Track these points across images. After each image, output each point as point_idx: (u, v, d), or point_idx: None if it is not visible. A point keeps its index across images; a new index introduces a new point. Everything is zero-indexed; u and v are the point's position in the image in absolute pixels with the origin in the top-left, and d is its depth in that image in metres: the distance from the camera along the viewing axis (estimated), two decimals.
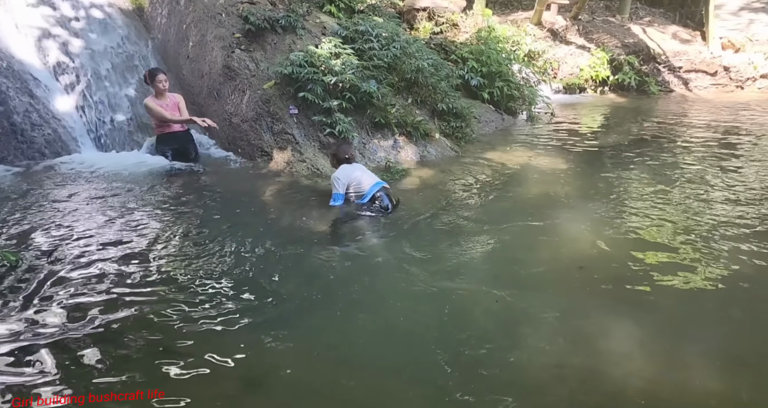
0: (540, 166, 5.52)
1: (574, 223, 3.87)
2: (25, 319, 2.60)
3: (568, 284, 3.01)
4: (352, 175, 4.15)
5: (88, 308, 2.70)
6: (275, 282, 3.03)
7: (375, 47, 6.00)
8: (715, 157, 5.69)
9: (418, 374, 2.26)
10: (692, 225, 3.76)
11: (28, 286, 2.91)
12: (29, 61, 5.85)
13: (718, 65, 11.28)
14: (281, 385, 2.17)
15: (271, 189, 4.78)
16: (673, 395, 2.11)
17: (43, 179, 4.91)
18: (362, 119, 5.67)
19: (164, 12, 6.88)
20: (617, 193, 4.53)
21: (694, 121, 7.98)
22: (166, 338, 2.46)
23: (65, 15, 6.41)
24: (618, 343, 2.43)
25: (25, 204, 4.25)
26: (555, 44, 11.26)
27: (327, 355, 2.38)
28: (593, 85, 10.95)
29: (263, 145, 5.55)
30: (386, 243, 3.62)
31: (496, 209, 4.19)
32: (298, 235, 3.70)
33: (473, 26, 9.73)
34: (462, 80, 7.47)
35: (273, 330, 2.55)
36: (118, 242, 3.53)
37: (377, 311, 2.77)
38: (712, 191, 4.51)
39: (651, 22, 12.76)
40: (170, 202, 4.38)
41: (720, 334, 2.52)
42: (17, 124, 5.32)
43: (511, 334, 2.54)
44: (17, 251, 3.32)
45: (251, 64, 5.88)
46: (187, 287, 2.93)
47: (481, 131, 7.04)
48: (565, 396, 2.11)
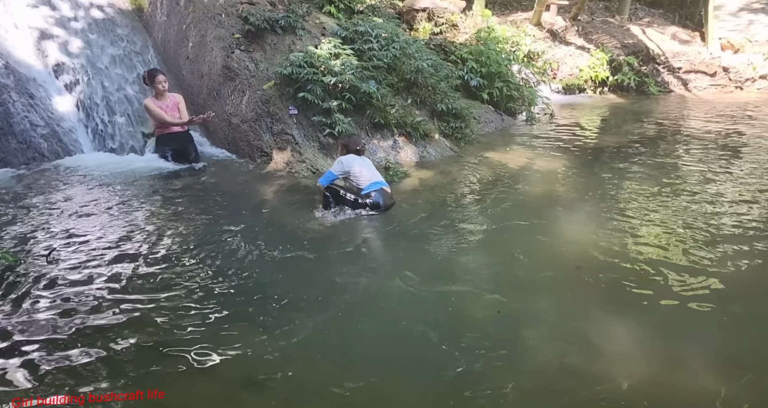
0: (539, 166, 5.53)
1: (574, 224, 3.88)
2: (24, 318, 2.60)
3: (566, 284, 3.02)
4: (354, 166, 4.17)
5: (88, 308, 2.71)
6: (275, 282, 3.03)
7: (374, 48, 6.00)
8: (715, 158, 5.70)
9: (418, 375, 2.26)
10: (691, 226, 3.77)
11: (27, 287, 2.92)
12: (29, 61, 5.85)
13: (718, 66, 11.29)
14: (281, 385, 2.17)
15: (271, 190, 4.78)
16: (672, 395, 2.11)
17: (43, 180, 4.91)
18: (362, 120, 5.67)
19: (164, 12, 6.88)
20: (616, 193, 4.54)
21: (694, 122, 7.99)
22: (166, 338, 2.46)
23: (65, 15, 6.42)
24: (617, 344, 2.44)
25: (24, 205, 4.25)
26: (554, 45, 11.27)
27: (327, 356, 2.38)
28: (593, 86, 10.96)
29: (263, 145, 5.56)
30: (386, 243, 3.63)
31: (495, 210, 4.19)
32: (298, 235, 3.70)
33: (473, 27, 9.74)
34: (461, 81, 7.49)
35: (273, 330, 2.56)
36: (118, 243, 3.53)
37: (377, 312, 2.77)
38: (712, 192, 4.52)
39: (650, 22, 12.77)
40: (170, 202, 4.39)
41: (719, 335, 2.52)
42: (16, 125, 5.31)
43: (510, 334, 2.55)
44: (17, 252, 3.33)
45: (251, 65, 5.89)
46: (188, 287, 2.93)
47: (481, 132, 7.04)
48: (565, 395, 2.11)
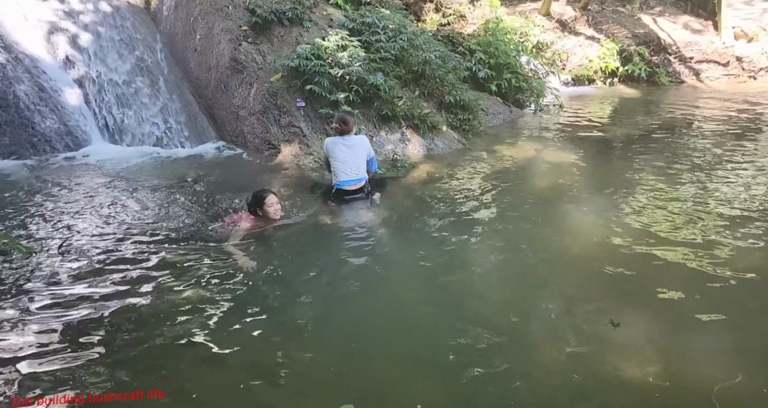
0: (548, 158, 5.49)
1: (582, 216, 3.86)
2: (26, 315, 2.62)
3: (576, 277, 3.01)
4: (335, 151, 3.99)
5: (96, 301, 2.74)
6: (283, 275, 3.05)
7: (382, 39, 5.97)
8: (728, 150, 5.62)
9: (425, 365, 2.28)
10: (702, 218, 3.73)
11: (36, 279, 2.95)
12: (39, 54, 5.89)
13: (731, 55, 11.09)
14: (291, 376, 2.20)
15: (279, 182, 4.80)
16: (682, 387, 2.11)
17: (54, 172, 4.96)
18: (369, 112, 5.66)
19: (171, 5, 6.89)
20: (627, 186, 4.50)
21: (706, 113, 7.88)
22: (175, 330, 2.50)
23: (74, 8, 6.44)
24: (627, 336, 2.43)
25: (36, 196, 4.31)
26: (564, 35, 11.13)
27: (336, 347, 2.41)
28: (602, 77, 10.83)
29: (270, 138, 5.57)
30: (394, 236, 3.63)
31: (502, 202, 4.18)
32: (307, 229, 3.72)
33: (481, 17, 9.64)
34: (469, 72, 7.43)
35: (282, 322, 2.58)
36: (125, 235, 3.57)
37: (385, 303, 2.79)
38: (724, 185, 4.47)
39: (662, 12, 12.56)
40: (179, 195, 4.41)
41: (731, 329, 2.51)
42: (28, 117, 5.37)
43: (518, 326, 2.55)
44: (29, 243, 3.38)
45: (258, 57, 5.88)
46: (196, 280, 2.96)
47: (489, 124, 7.00)
48: (573, 385, 2.12)
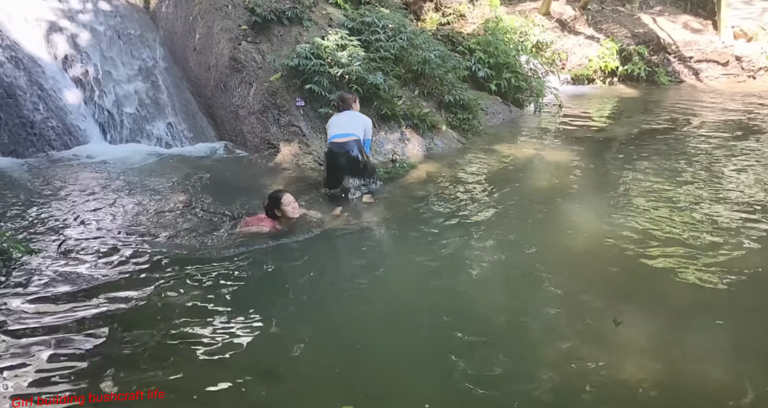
0: (547, 158, 5.50)
1: (582, 216, 3.86)
2: (25, 314, 2.61)
3: (576, 276, 3.02)
4: (330, 124, 4.42)
5: (96, 301, 2.74)
6: (284, 275, 3.06)
7: (381, 39, 5.97)
8: (726, 149, 5.62)
9: (426, 365, 2.28)
10: (703, 218, 3.73)
11: (35, 278, 2.94)
12: (38, 53, 5.87)
13: (730, 55, 11.08)
14: (291, 376, 2.20)
15: (279, 182, 4.80)
16: (682, 387, 2.12)
17: (54, 171, 4.95)
18: (369, 111, 5.64)
19: (170, 4, 6.88)
20: (627, 185, 4.51)
21: (705, 112, 7.88)
22: (177, 329, 2.50)
23: (73, 7, 6.43)
24: (627, 336, 2.43)
25: (35, 195, 4.30)
26: (563, 35, 11.12)
27: (337, 346, 2.41)
28: (602, 76, 10.83)
29: (270, 137, 5.57)
30: (394, 236, 3.64)
31: (502, 201, 4.18)
32: (306, 228, 3.72)
33: (480, 17, 9.62)
34: (469, 72, 7.42)
35: (283, 322, 2.58)
36: (125, 234, 3.57)
37: (386, 303, 2.79)
38: (723, 185, 4.47)
39: (661, 11, 12.55)
40: (178, 195, 4.41)
41: (731, 328, 2.51)
42: (27, 116, 5.36)
43: (518, 325, 2.56)
44: (28, 242, 3.36)
45: (258, 56, 5.88)
46: (197, 279, 2.96)
47: (489, 123, 7.00)
48: (573, 385, 2.13)
